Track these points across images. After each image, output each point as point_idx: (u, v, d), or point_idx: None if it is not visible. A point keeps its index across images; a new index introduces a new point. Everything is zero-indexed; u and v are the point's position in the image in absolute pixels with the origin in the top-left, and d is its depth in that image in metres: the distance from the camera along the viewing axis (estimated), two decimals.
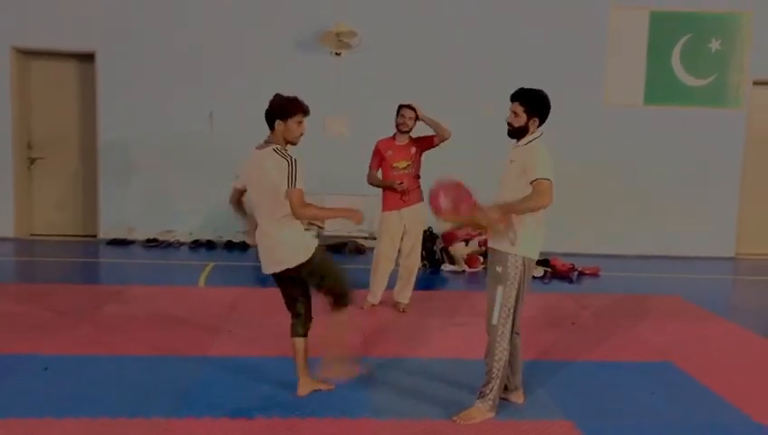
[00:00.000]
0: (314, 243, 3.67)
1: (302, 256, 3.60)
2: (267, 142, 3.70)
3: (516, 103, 3.56)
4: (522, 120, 3.55)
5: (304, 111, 3.67)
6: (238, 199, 3.94)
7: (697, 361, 4.63)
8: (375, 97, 7.97)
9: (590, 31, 8.73)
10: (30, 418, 3.39)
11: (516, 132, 3.59)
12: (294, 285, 3.76)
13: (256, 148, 3.74)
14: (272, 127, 3.69)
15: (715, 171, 9.02)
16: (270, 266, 3.68)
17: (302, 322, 3.81)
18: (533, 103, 3.54)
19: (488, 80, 8.35)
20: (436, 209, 3.57)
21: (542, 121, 3.58)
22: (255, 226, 3.73)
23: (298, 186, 3.51)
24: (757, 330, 5.49)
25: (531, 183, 3.40)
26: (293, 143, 3.71)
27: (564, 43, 8.65)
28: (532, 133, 3.58)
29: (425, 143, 5.55)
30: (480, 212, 3.47)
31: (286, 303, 3.82)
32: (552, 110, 3.64)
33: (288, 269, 3.62)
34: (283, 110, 3.63)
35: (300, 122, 3.66)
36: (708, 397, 4.03)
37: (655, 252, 8.98)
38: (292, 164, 3.52)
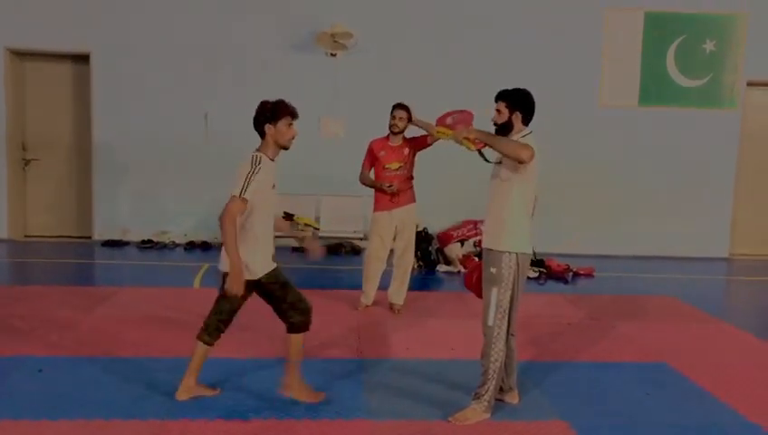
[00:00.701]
0: (257, 268, 3.58)
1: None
2: (258, 148, 3.65)
3: (499, 102, 3.65)
4: (504, 116, 3.62)
5: (292, 113, 3.63)
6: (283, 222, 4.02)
7: (692, 361, 4.64)
8: (370, 98, 7.97)
9: (585, 32, 8.76)
10: (25, 419, 3.37)
11: (501, 129, 3.65)
12: (260, 293, 3.71)
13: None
14: (261, 133, 3.63)
15: (710, 172, 9.05)
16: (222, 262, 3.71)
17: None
18: (514, 99, 3.62)
19: (483, 81, 8.34)
20: (439, 121, 4.08)
21: (526, 117, 3.63)
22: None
23: (245, 195, 3.44)
24: (752, 330, 5.51)
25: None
26: (285, 147, 3.65)
27: (559, 44, 8.67)
28: (518, 131, 3.62)
29: (418, 143, 5.55)
30: (457, 129, 3.75)
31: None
32: (547, 110, 3.68)
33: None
34: (271, 113, 3.59)
35: (290, 124, 3.61)
36: (703, 397, 4.04)
37: (649, 252, 9.01)
38: (253, 172, 3.45)
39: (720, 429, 3.62)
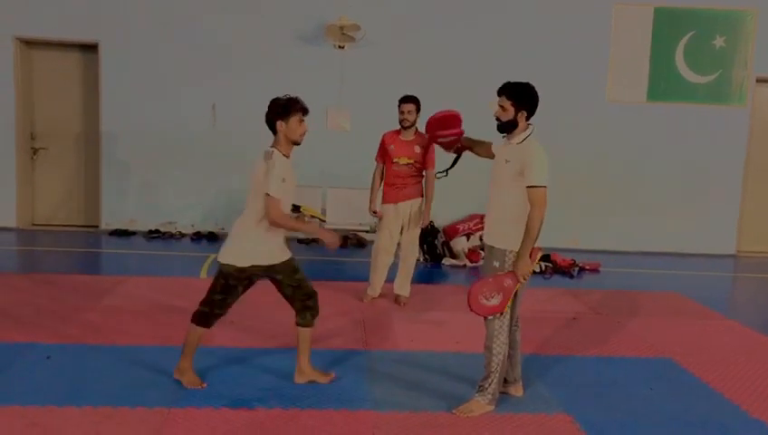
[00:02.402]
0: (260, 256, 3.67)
1: (234, 259, 3.64)
2: (272, 145, 3.70)
3: (503, 97, 3.53)
4: (509, 114, 3.52)
5: (303, 109, 3.67)
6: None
7: (697, 357, 4.64)
8: (378, 91, 7.97)
9: (594, 27, 8.72)
10: (32, 405, 3.41)
11: (505, 127, 3.57)
12: (216, 277, 3.76)
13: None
14: (273, 130, 3.69)
15: (718, 168, 9.02)
16: (221, 254, 3.76)
17: (296, 312, 3.83)
18: (520, 96, 3.50)
19: (491, 75, 8.32)
20: (430, 138, 4.06)
21: (530, 114, 3.55)
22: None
23: (273, 192, 3.52)
24: (757, 327, 5.51)
25: (527, 187, 3.41)
26: (297, 143, 3.70)
27: (568, 39, 8.64)
28: (523, 129, 3.55)
29: (427, 152, 5.53)
30: (518, 272, 3.46)
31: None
32: (555, 106, 3.66)
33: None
34: (283, 109, 3.63)
35: (301, 121, 3.66)
36: (707, 393, 4.04)
37: (656, 248, 8.99)
38: (271, 166, 3.54)
39: (723, 425, 3.62)
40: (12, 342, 4.35)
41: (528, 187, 3.40)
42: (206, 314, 3.73)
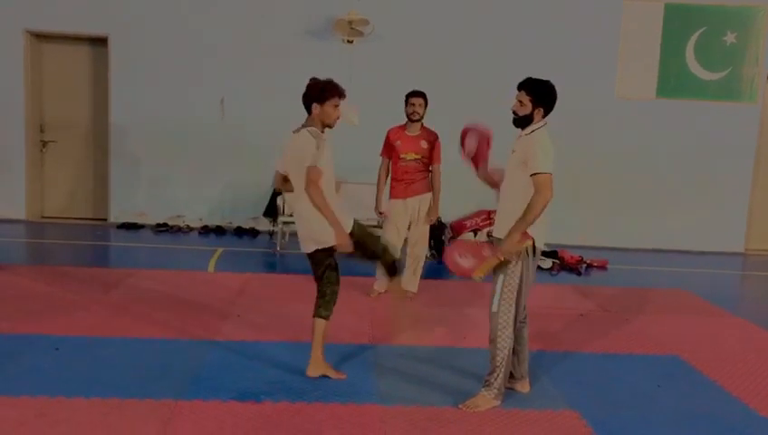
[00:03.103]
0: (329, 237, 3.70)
1: (327, 239, 3.67)
2: (304, 126, 3.72)
3: (522, 92, 3.55)
4: (527, 109, 3.53)
5: (340, 94, 3.73)
6: (281, 183, 3.93)
7: (704, 355, 4.63)
8: (386, 86, 7.95)
9: (604, 23, 8.68)
10: (41, 396, 3.43)
11: (521, 121, 3.59)
12: (316, 265, 3.81)
13: (293, 131, 3.77)
14: (308, 110, 3.73)
15: (727, 166, 8.97)
16: (303, 245, 3.78)
17: (323, 302, 3.84)
18: (540, 93, 3.52)
19: (500, 71, 8.33)
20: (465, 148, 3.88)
21: (547, 112, 3.57)
22: None
23: (318, 164, 3.57)
24: (765, 325, 5.48)
25: (531, 176, 3.41)
26: (330, 126, 3.77)
27: (577, 35, 8.61)
28: (536, 123, 3.56)
29: (434, 148, 5.53)
30: (499, 251, 3.47)
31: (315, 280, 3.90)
32: (564, 102, 3.63)
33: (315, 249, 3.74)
34: (320, 93, 3.68)
35: (336, 105, 3.71)
36: (715, 391, 4.03)
37: (664, 246, 8.96)
38: (320, 144, 3.60)
39: (731, 422, 3.61)
40: (21, 333, 4.38)
41: (532, 175, 3.41)
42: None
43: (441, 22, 8.57)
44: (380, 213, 5.70)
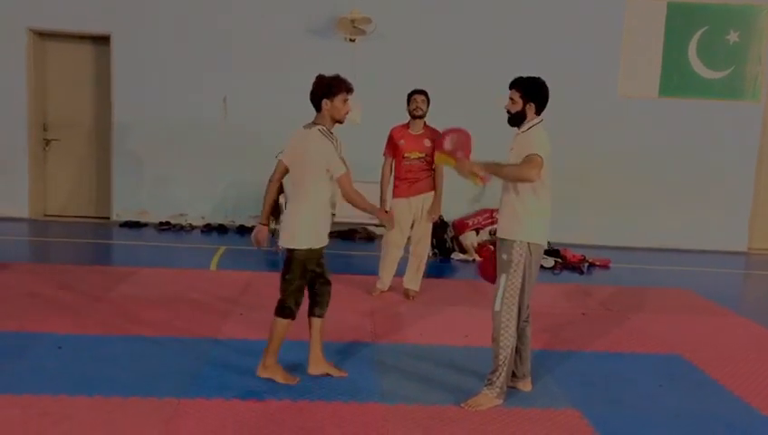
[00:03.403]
0: (320, 237, 3.74)
1: (300, 242, 3.67)
2: (313, 123, 3.74)
3: (513, 90, 3.64)
4: (518, 105, 3.61)
5: (348, 88, 3.73)
6: (279, 178, 3.91)
7: (706, 354, 4.62)
8: (389, 84, 7.95)
9: (606, 21, 8.66)
10: (44, 394, 3.44)
11: (514, 118, 3.66)
12: (287, 265, 3.79)
13: (303, 127, 3.79)
14: (318, 107, 3.74)
15: (730, 165, 8.95)
16: (283, 239, 3.76)
17: (315, 302, 3.86)
18: (529, 89, 3.61)
19: (501, 69, 8.31)
20: (438, 146, 3.89)
21: (539, 107, 3.63)
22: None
23: (345, 169, 3.65)
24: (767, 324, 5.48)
25: (524, 157, 3.48)
26: (341, 122, 3.78)
27: (580, 34, 8.59)
28: (530, 120, 3.62)
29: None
30: (464, 162, 3.62)
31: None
32: (566, 101, 3.66)
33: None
34: (329, 88, 3.69)
35: (345, 100, 3.73)
36: (717, 390, 4.03)
37: (666, 245, 8.95)
38: (337, 147, 3.64)
39: (733, 422, 3.61)
40: (24, 331, 4.39)
41: (525, 156, 3.47)
42: (291, 305, 3.74)
43: (443, 20, 8.56)
44: (385, 212, 5.68)
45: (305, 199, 3.70)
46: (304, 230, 3.68)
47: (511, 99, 3.64)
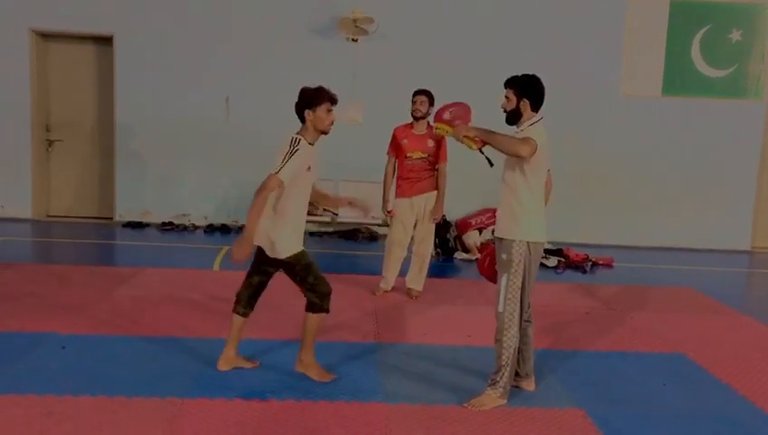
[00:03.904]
0: (283, 248, 3.70)
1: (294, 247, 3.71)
2: (299, 132, 3.74)
3: (507, 89, 3.67)
4: (512, 103, 3.63)
5: (331, 99, 3.72)
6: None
7: (710, 353, 4.61)
8: (391, 84, 7.95)
9: (609, 19, 8.66)
10: (48, 394, 3.45)
11: (510, 116, 3.68)
12: (285, 271, 3.83)
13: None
14: (301, 118, 3.73)
15: (733, 163, 8.94)
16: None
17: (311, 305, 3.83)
18: (522, 86, 3.62)
19: (503, 68, 8.30)
20: (438, 117, 3.90)
21: (535, 104, 3.63)
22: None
23: (282, 175, 3.51)
24: None
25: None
26: (325, 132, 3.76)
27: (582, 33, 8.58)
28: (527, 118, 3.63)
29: (443, 142, 5.53)
30: (460, 127, 3.67)
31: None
32: (568, 99, 3.65)
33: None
34: (311, 99, 3.68)
35: (329, 110, 3.71)
36: (720, 389, 4.02)
37: (670, 244, 8.94)
38: (291, 152, 3.56)
39: (736, 420, 3.60)
40: (28, 331, 4.39)
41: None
42: (321, 297, 3.75)
43: (445, 20, 8.56)
44: (388, 212, 5.69)
45: (274, 208, 3.69)
46: (286, 238, 3.69)
47: (506, 97, 3.66)
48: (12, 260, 6.40)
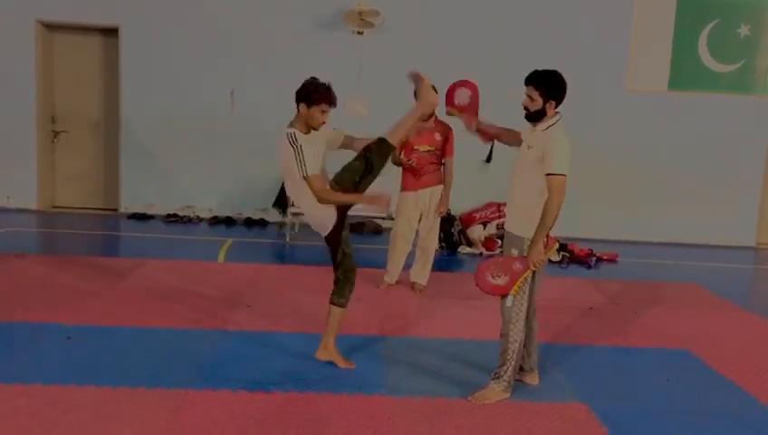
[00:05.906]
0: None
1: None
2: (290, 124, 3.75)
3: (531, 87, 3.49)
4: (538, 104, 3.48)
5: (331, 101, 3.70)
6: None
7: (714, 349, 4.61)
8: (396, 78, 7.90)
9: (615, 14, 8.61)
10: (54, 384, 3.46)
11: (533, 116, 3.54)
12: (334, 250, 3.90)
13: (286, 127, 3.78)
14: (297, 107, 3.72)
15: (739, 159, 8.90)
16: (319, 230, 3.86)
17: (337, 289, 3.90)
18: (549, 86, 3.47)
19: (510, 62, 8.28)
20: (449, 101, 4.04)
21: (558, 104, 3.52)
22: None
23: (310, 171, 3.59)
24: None
25: (546, 175, 3.39)
26: (315, 129, 3.76)
27: (588, 27, 8.54)
28: (550, 117, 3.52)
29: (448, 141, 5.51)
30: (529, 261, 3.46)
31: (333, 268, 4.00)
32: (574, 94, 3.60)
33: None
34: (310, 95, 3.66)
35: (323, 111, 3.70)
36: (725, 385, 4.02)
37: (675, 239, 8.92)
38: (298, 151, 3.61)
39: (741, 416, 3.60)
40: (33, 322, 4.41)
41: (547, 174, 3.38)
42: (342, 292, 3.87)
43: (451, 13, 8.53)
44: (409, 160, 5.56)
45: (306, 196, 3.73)
46: (328, 217, 3.76)
47: (529, 96, 3.50)
48: (17, 251, 6.42)
